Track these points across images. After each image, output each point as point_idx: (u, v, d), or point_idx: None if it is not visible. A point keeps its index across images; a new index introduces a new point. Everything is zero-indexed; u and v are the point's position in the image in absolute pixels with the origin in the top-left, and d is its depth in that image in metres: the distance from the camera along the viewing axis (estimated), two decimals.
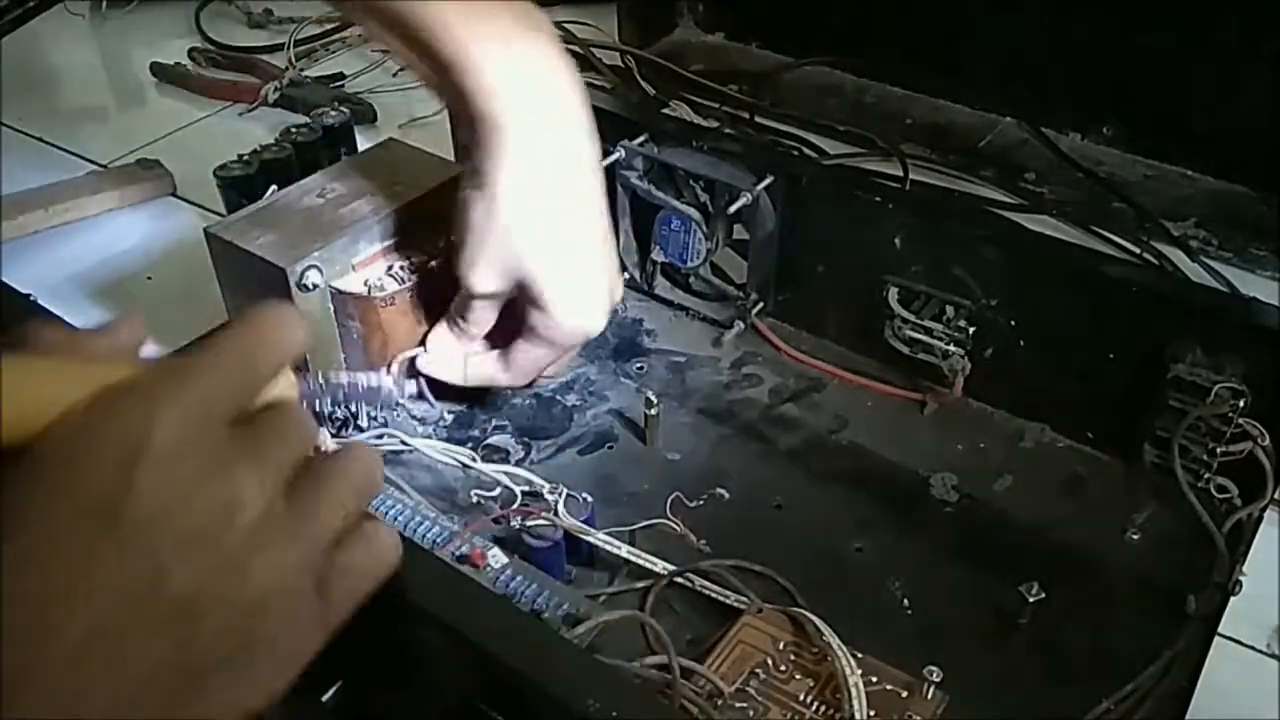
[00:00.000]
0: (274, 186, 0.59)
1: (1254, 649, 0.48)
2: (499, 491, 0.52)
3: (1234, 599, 0.49)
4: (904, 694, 0.45)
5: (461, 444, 0.56)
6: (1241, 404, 0.51)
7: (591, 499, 0.51)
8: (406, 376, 0.57)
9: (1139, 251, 0.74)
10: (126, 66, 1.06)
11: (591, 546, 0.50)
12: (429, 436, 0.58)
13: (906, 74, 0.91)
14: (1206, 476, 0.53)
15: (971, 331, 0.58)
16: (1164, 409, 0.53)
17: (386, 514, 0.51)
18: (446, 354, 0.57)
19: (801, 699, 0.45)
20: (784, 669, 0.46)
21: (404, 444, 0.54)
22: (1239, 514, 0.52)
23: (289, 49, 1.00)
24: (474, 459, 0.53)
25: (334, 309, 0.55)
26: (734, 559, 0.50)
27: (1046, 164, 0.83)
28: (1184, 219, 0.76)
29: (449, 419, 0.59)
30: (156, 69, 1.00)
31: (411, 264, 0.56)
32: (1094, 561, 0.52)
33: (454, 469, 0.54)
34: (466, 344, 0.56)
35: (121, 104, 1.03)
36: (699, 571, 0.50)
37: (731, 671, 0.45)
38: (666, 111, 0.87)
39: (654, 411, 0.57)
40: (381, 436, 0.55)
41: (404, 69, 0.94)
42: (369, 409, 0.56)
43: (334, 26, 1.03)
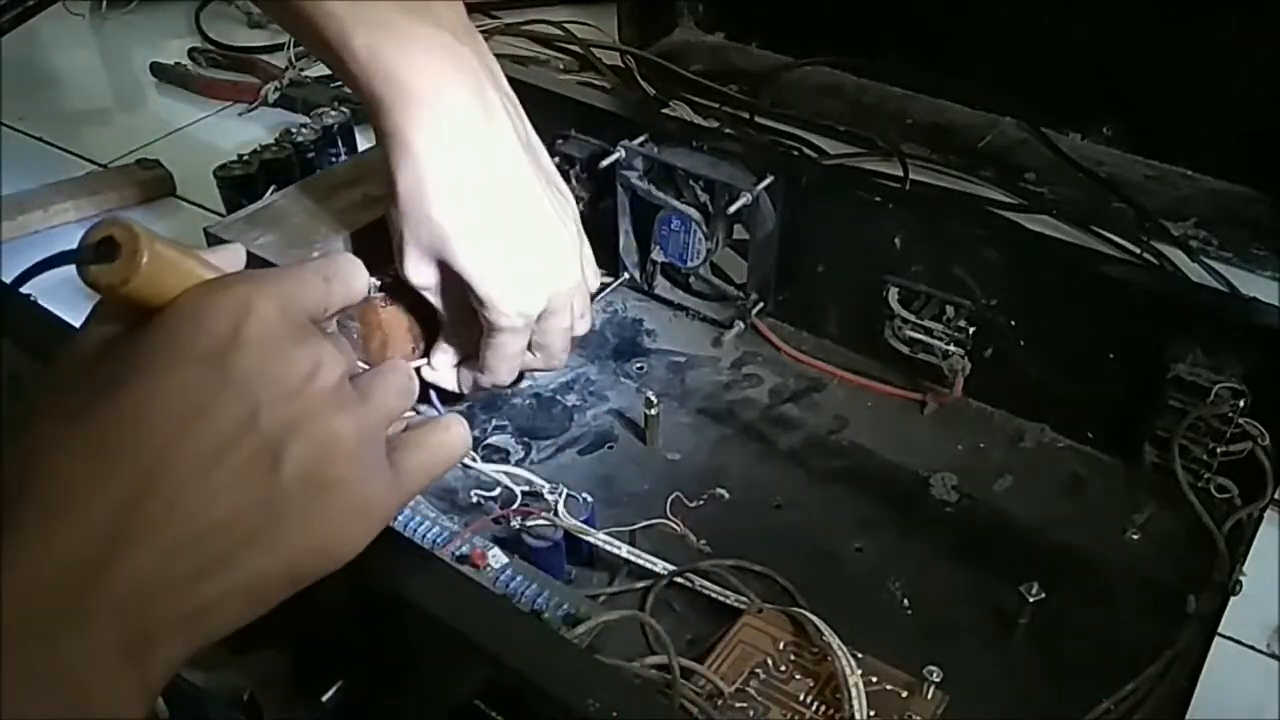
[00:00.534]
0: (274, 186, 0.59)
1: (1254, 649, 0.48)
2: (499, 491, 0.52)
3: (1234, 599, 0.49)
4: (904, 694, 0.45)
5: None
6: (1241, 404, 0.51)
7: (591, 499, 0.51)
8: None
9: (1139, 251, 0.74)
10: (126, 66, 1.06)
11: (591, 546, 0.50)
12: None
13: (906, 74, 0.91)
14: (1206, 476, 0.53)
15: (971, 331, 0.58)
16: (1164, 409, 0.53)
17: None
18: (441, 362, 0.57)
19: (801, 699, 0.45)
20: (784, 669, 0.46)
21: None
22: (1239, 514, 0.52)
23: (289, 49, 0.99)
24: (474, 459, 0.53)
25: None
26: (734, 559, 0.50)
27: (1046, 164, 0.83)
28: (1184, 219, 0.76)
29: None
30: (156, 69, 1.00)
31: None
32: (1094, 561, 0.52)
33: (454, 469, 0.54)
34: (453, 349, 0.56)
35: (121, 104, 1.03)
36: (699, 571, 0.50)
37: (731, 671, 0.45)
38: (666, 111, 0.87)
39: (654, 411, 0.57)
40: None
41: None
42: None
43: None
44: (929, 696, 0.44)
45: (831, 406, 0.61)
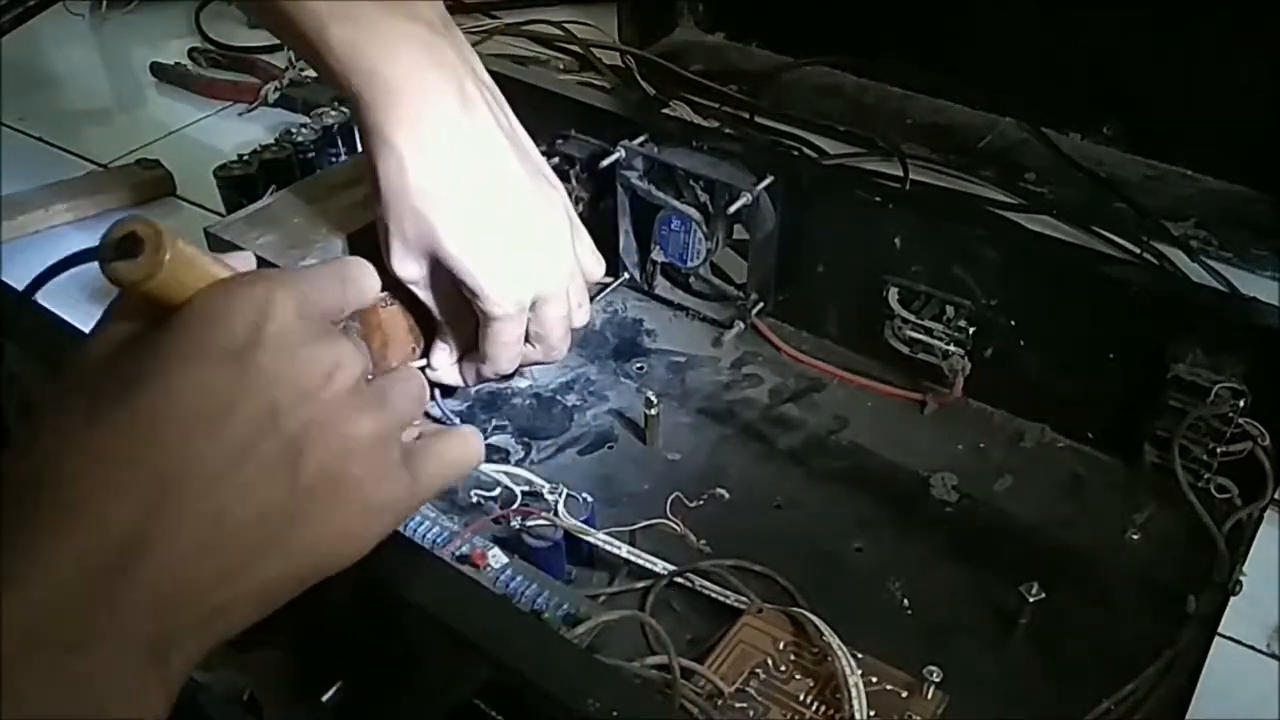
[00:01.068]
0: (274, 186, 0.59)
1: (1254, 649, 0.48)
2: (499, 491, 0.52)
3: (1234, 599, 0.49)
4: (904, 694, 0.45)
5: None
6: (1241, 404, 0.51)
7: (591, 499, 0.51)
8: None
9: (1139, 251, 0.74)
10: (126, 66, 1.06)
11: (591, 546, 0.50)
12: None
13: (906, 74, 0.91)
14: (1206, 476, 0.53)
15: (971, 331, 0.58)
16: (1164, 409, 0.53)
17: None
18: (440, 359, 0.57)
19: (801, 699, 0.45)
20: (784, 669, 0.46)
21: None
22: (1239, 514, 0.52)
23: (289, 49, 1.00)
24: None
25: None
26: (734, 559, 0.50)
27: (1046, 164, 0.83)
28: (1184, 219, 0.76)
29: (454, 419, 0.59)
30: (156, 69, 1.00)
31: None
32: (1094, 561, 0.52)
33: None
34: (451, 344, 0.56)
35: (121, 104, 1.03)
36: (699, 571, 0.50)
37: (731, 671, 0.45)
38: (666, 111, 0.87)
39: (654, 411, 0.57)
40: None
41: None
42: None
43: None
44: (929, 696, 0.44)
45: (831, 406, 0.61)
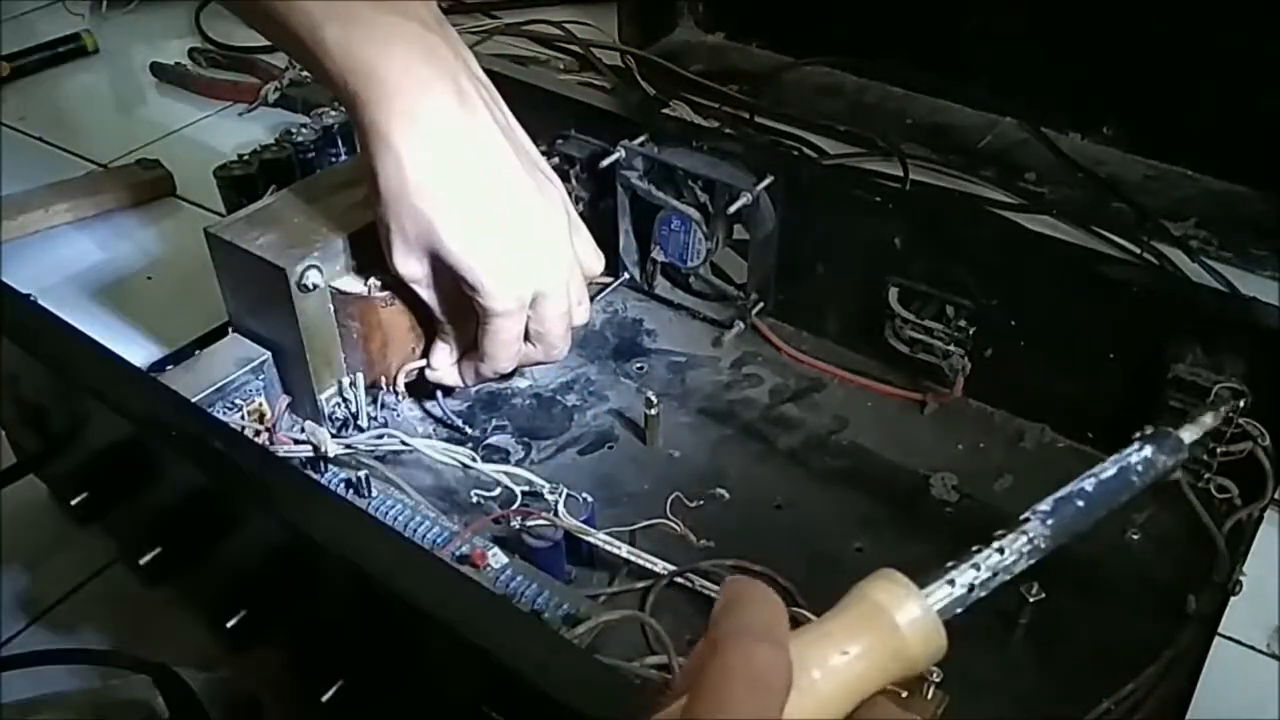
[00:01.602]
0: (274, 186, 0.59)
1: (1254, 649, 0.48)
2: (499, 491, 0.52)
3: (1234, 599, 0.49)
4: (904, 694, 0.45)
5: (461, 444, 0.55)
6: (1241, 404, 0.51)
7: (591, 499, 0.51)
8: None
9: (1139, 251, 0.74)
10: (126, 66, 1.06)
11: (591, 546, 0.50)
12: (429, 436, 0.58)
13: (906, 74, 0.91)
14: (1206, 476, 0.53)
15: (971, 331, 0.58)
16: (1164, 409, 0.53)
17: (386, 514, 0.51)
18: (440, 359, 0.57)
19: None
20: None
21: (404, 444, 0.54)
22: (1239, 514, 0.52)
23: (283, 52, 1.00)
24: (474, 459, 0.53)
25: (334, 309, 0.55)
26: (734, 559, 0.50)
27: (1046, 164, 0.83)
28: (1184, 219, 0.76)
29: (454, 419, 0.59)
30: (156, 69, 1.01)
31: None
32: (1094, 561, 0.52)
33: (454, 469, 0.54)
34: (451, 344, 0.56)
35: (121, 104, 1.03)
36: (699, 571, 0.50)
37: None
38: (666, 111, 0.87)
39: (654, 411, 0.57)
40: (381, 437, 0.55)
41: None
42: None
43: None
44: (929, 696, 0.44)
45: (831, 406, 0.61)
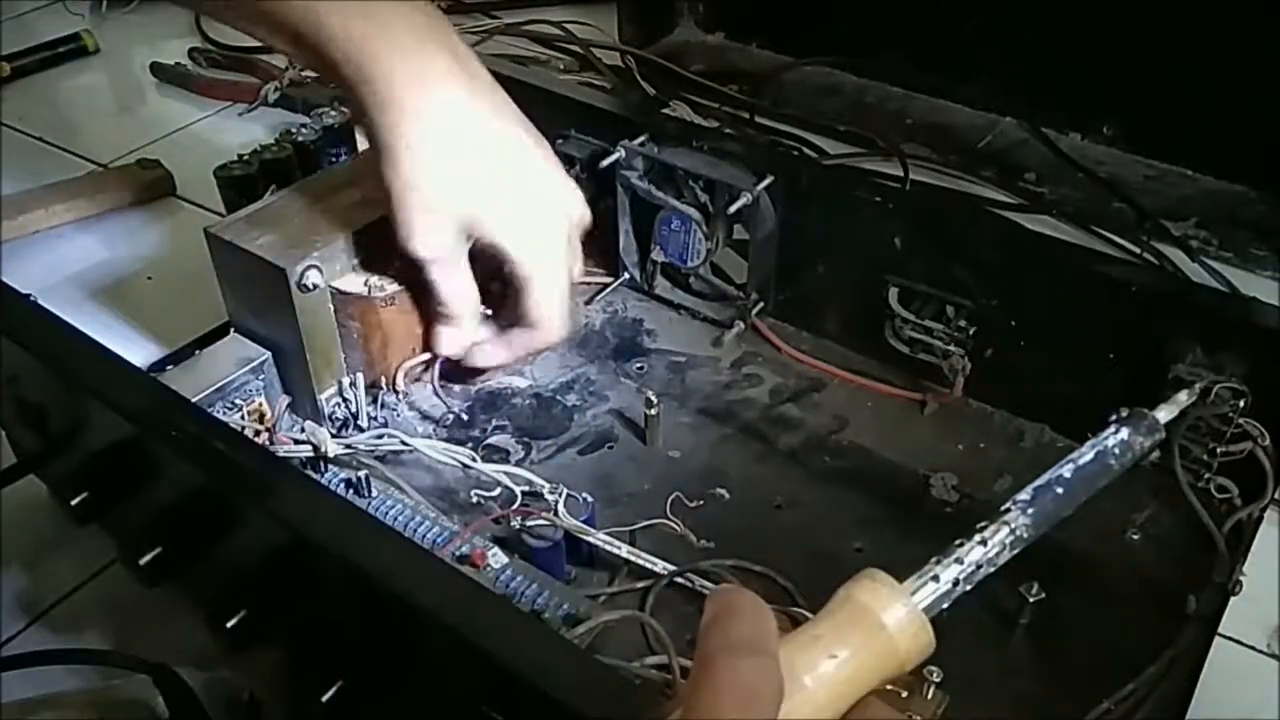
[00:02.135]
0: (274, 186, 0.59)
1: (1254, 649, 0.48)
2: (499, 491, 0.52)
3: (1234, 599, 0.49)
4: (904, 694, 0.45)
5: (461, 444, 0.55)
6: (1241, 404, 0.51)
7: (591, 499, 0.51)
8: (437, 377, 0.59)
9: (1139, 251, 0.74)
10: (126, 66, 1.06)
11: (591, 546, 0.50)
12: (429, 436, 0.58)
13: (906, 74, 0.91)
14: (1206, 476, 0.53)
15: (971, 331, 0.58)
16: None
17: (386, 514, 0.51)
18: (462, 339, 0.57)
19: None
20: None
21: (404, 444, 0.54)
22: (1239, 514, 0.52)
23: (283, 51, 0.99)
24: (474, 459, 0.53)
25: (334, 309, 0.55)
26: (734, 559, 0.50)
27: (1046, 164, 0.83)
28: (1184, 219, 0.76)
29: (450, 419, 0.59)
30: (156, 69, 1.00)
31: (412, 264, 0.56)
32: (1094, 561, 0.52)
33: (454, 469, 0.54)
34: (463, 329, 0.57)
35: (121, 104, 1.03)
36: (699, 571, 0.50)
37: None
38: (666, 111, 0.87)
39: (654, 411, 0.57)
40: (381, 437, 0.55)
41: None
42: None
43: None
44: (929, 696, 0.44)
45: (831, 406, 0.61)
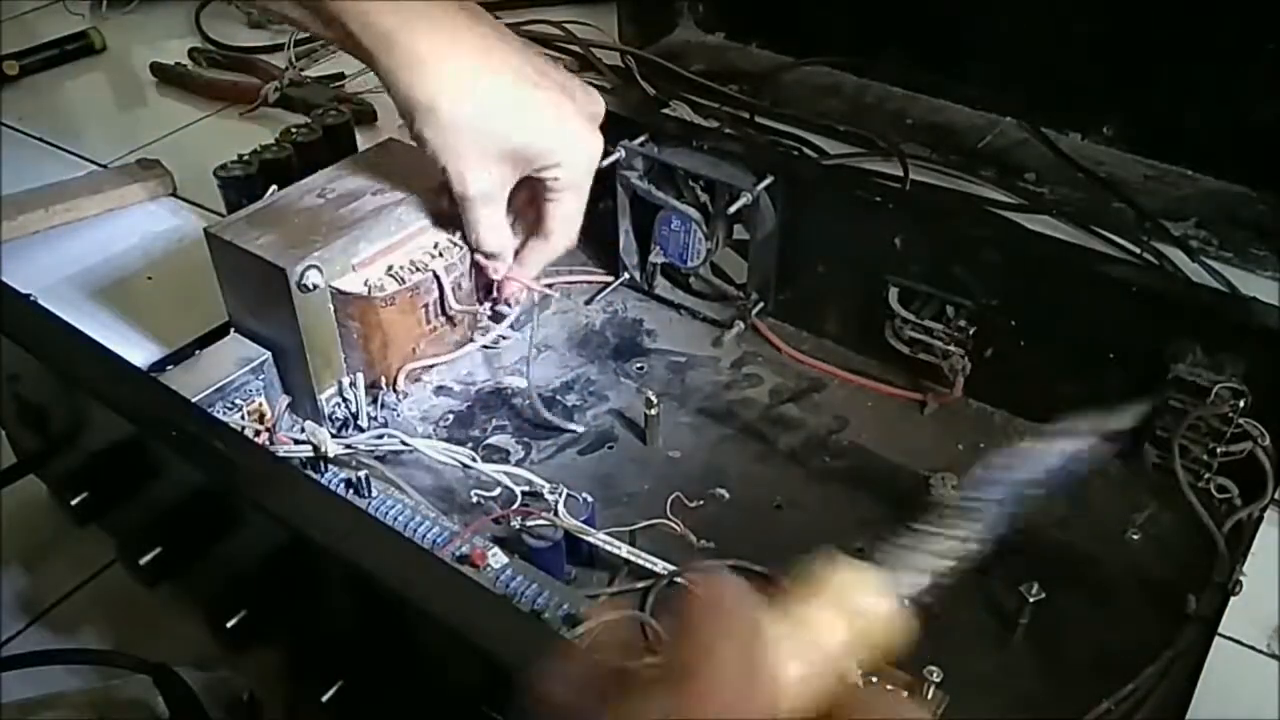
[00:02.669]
0: (274, 186, 0.59)
1: (1254, 649, 0.48)
2: (499, 491, 0.52)
3: (1234, 599, 0.49)
4: (904, 694, 0.45)
5: (461, 444, 0.55)
6: (1241, 404, 0.51)
7: (591, 499, 0.51)
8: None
9: (1139, 251, 0.74)
10: (126, 66, 1.06)
11: (591, 546, 0.50)
12: (429, 436, 0.58)
13: (906, 74, 0.91)
14: (1206, 476, 0.53)
15: (971, 331, 0.58)
16: (1164, 409, 0.53)
17: (386, 514, 0.51)
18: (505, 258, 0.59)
19: None
20: None
21: (404, 444, 0.54)
22: (1239, 514, 0.52)
23: (289, 49, 1.00)
24: (474, 459, 0.53)
25: (334, 309, 0.55)
26: (734, 559, 0.50)
27: (1046, 164, 0.83)
28: (1184, 219, 0.76)
29: (450, 419, 0.59)
30: (156, 69, 1.01)
31: (412, 264, 0.56)
32: (1094, 561, 0.52)
33: (454, 469, 0.54)
34: (503, 264, 0.58)
35: (121, 104, 1.03)
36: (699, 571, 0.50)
37: None
38: (666, 111, 0.87)
39: (654, 411, 0.57)
40: (381, 437, 0.55)
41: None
42: None
43: None
44: (929, 696, 0.44)
45: (831, 406, 0.61)
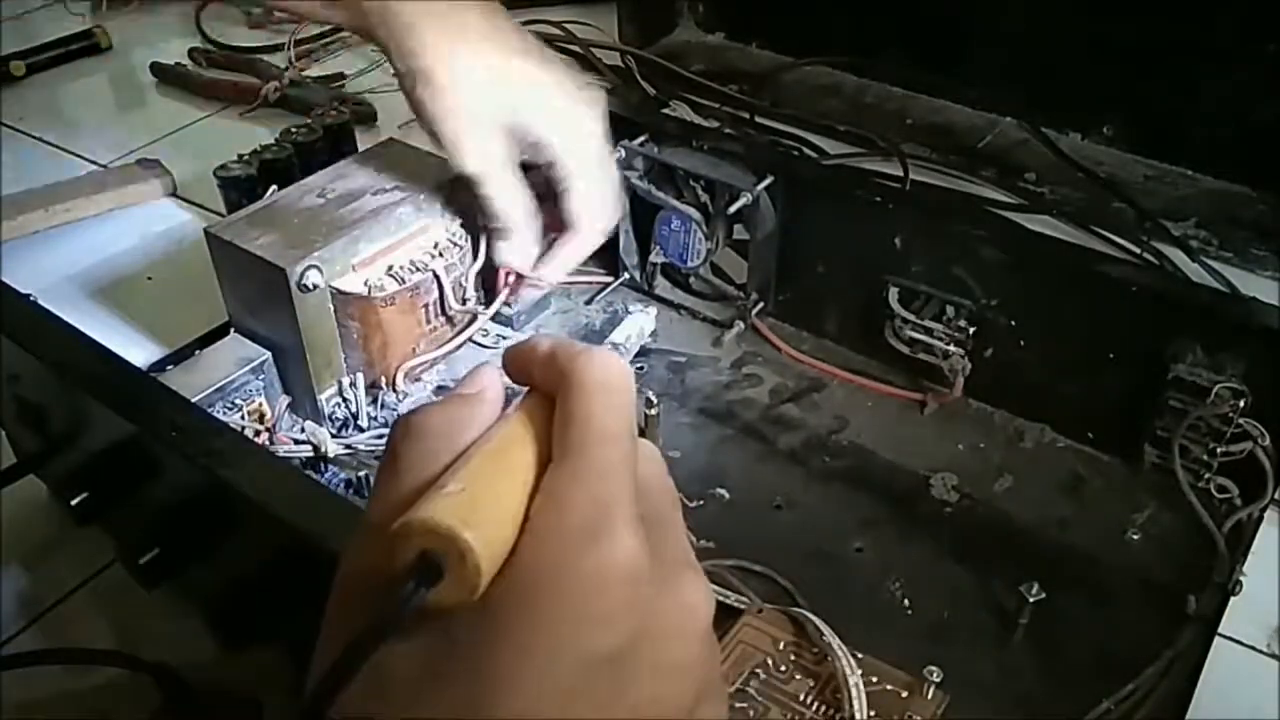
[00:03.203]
0: (274, 186, 0.59)
1: (1254, 649, 0.48)
2: None
3: (1234, 599, 0.49)
4: (904, 694, 0.45)
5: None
6: (1241, 404, 0.51)
7: None
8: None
9: (1139, 251, 0.74)
10: (127, 66, 1.06)
11: None
12: None
13: (906, 74, 0.91)
14: (1206, 476, 0.53)
15: (971, 331, 0.58)
16: (1164, 409, 0.53)
17: None
18: (516, 256, 0.59)
19: (802, 699, 0.45)
20: (784, 669, 0.46)
21: None
22: (1239, 514, 0.52)
23: (289, 49, 1.00)
24: None
25: (334, 309, 0.55)
26: (734, 559, 0.50)
27: (1046, 164, 0.82)
28: (1184, 219, 0.76)
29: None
30: (156, 69, 1.00)
31: (412, 264, 0.56)
32: (1094, 561, 0.52)
33: None
34: (523, 237, 0.58)
35: (121, 104, 1.03)
36: None
37: (731, 671, 0.45)
38: (666, 111, 0.87)
39: (654, 411, 0.57)
40: (381, 437, 0.55)
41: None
42: None
43: (334, 26, 1.03)
44: (929, 696, 0.44)
45: (831, 406, 0.61)
